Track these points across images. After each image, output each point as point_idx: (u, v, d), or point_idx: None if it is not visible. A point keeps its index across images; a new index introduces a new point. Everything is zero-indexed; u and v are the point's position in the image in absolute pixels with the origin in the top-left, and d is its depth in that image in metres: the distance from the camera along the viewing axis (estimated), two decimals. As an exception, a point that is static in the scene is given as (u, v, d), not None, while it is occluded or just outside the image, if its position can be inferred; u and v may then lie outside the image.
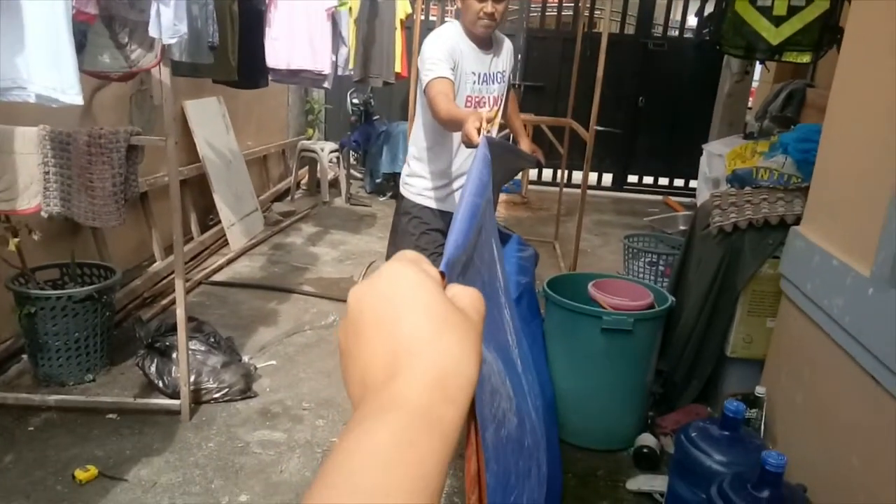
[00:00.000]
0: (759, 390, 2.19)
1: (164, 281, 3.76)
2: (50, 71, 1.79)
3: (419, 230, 2.46)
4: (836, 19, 2.65)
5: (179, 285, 2.50)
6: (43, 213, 2.40)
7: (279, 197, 5.87)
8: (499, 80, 2.44)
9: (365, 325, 0.38)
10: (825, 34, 2.66)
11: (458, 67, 2.29)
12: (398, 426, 0.32)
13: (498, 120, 2.28)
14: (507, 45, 2.50)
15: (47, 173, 2.37)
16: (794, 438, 2.08)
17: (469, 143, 1.87)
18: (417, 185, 2.50)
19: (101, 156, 2.35)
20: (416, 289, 0.38)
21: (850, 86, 2.05)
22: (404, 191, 2.53)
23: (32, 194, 2.39)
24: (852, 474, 1.73)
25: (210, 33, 2.89)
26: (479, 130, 1.82)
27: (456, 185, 2.45)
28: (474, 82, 2.38)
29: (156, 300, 3.62)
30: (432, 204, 2.47)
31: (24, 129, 2.35)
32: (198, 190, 4.48)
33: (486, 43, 2.37)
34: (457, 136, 2.29)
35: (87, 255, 3.23)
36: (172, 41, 2.31)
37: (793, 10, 2.70)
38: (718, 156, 3.80)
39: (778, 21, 2.72)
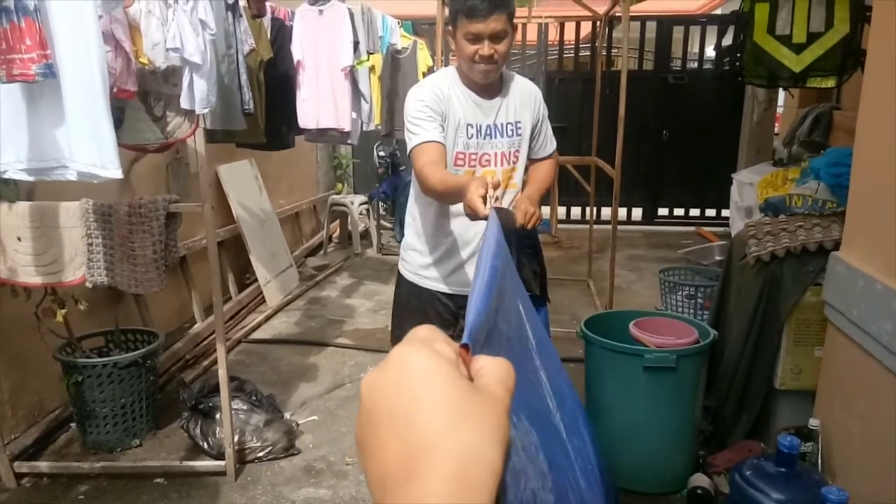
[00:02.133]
0: (813, 423, 2.12)
1: (205, 342, 3.82)
2: (90, 148, 1.87)
3: (418, 315, 2.11)
4: (857, 42, 2.64)
5: (221, 346, 2.55)
6: (88, 284, 2.48)
7: (312, 252, 5.96)
8: (510, 132, 2.01)
9: (379, 420, 0.36)
10: (848, 58, 2.66)
11: (447, 120, 1.93)
12: None
13: (514, 181, 2.03)
14: (527, 88, 2.06)
15: (91, 245, 2.45)
16: (853, 471, 2.00)
17: (473, 217, 1.54)
18: (413, 260, 2.14)
19: (141, 225, 2.42)
20: (428, 376, 0.36)
21: (877, 106, 2.03)
22: (401, 266, 2.20)
23: (77, 266, 2.47)
24: (920, 508, 1.66)
25: (246, 101, 3.00)
26: (484, 199, 1.50)
27: (465, 254, 2.07)
28: (471, 136, 1.97)
29: (198, 361, 3.67)
30: (429, 284, 2.11)
31: (67, 204, 2.44)
32: (234, 250, 4.58)
33: (489, 89, 1.99)
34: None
35: (129, 321, 3.31)
36: (205, 111, 2.41)
37: (812, 37, 2.70)
38: (749, 184, 3.77)
39: (798, 48, 2.72)
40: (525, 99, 2.05)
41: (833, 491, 1.58)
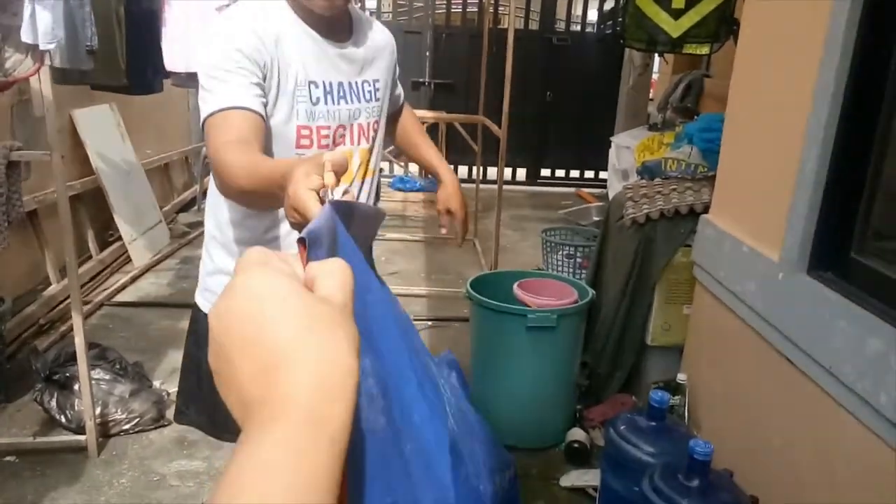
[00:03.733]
0: (681, 377, 2.23)
1: (62, 305, 3.49)
2: None
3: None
4: (731, 11, 2.74)
5: (77, 311, 2.31)
6: (-89, 242, 2.16)
7: (184, 207, 5.59)
8: (368, 94, 1.42)
9: (230, 345, 0.36)
10: (722, 26, 2.76)
11: (277, 75, 1.26)
12: (284, 435, 0.32)
13: (372, 166, 1.48)
14: (383, 34, 1.49)
15: (-86, 197, 2.13)
16: (717, 424, 2.13)
17: (300, 227, 0.83)
18: (219, 291, 0.96)
19: (-24, 176, 2.13)
20: (271, 294, 0.36)
21: (749, 75, 2.11)
22: (200, 299, 1.51)
23: None
24: (774, 455, 1.78)
25: (88, 36, 2.68)
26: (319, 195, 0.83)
27: None
28: (317, 101, 1.31)
29: (53, 326, 3.35)
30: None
31: None
32: (94, 204, 4.19)
33: (336, 29, 1.35)
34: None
35: (-32, 284, 2.95)
36: (50, 46, 2.13)
37: (690, 3, 2.78)
38: (626, 148, 3.89)
39: (677, 14, 2.80)
40: (381, 49, 1.47)
41: (700, 444, 1.67)
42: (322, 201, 0.84)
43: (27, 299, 3.42)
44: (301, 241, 0.47)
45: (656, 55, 4.62)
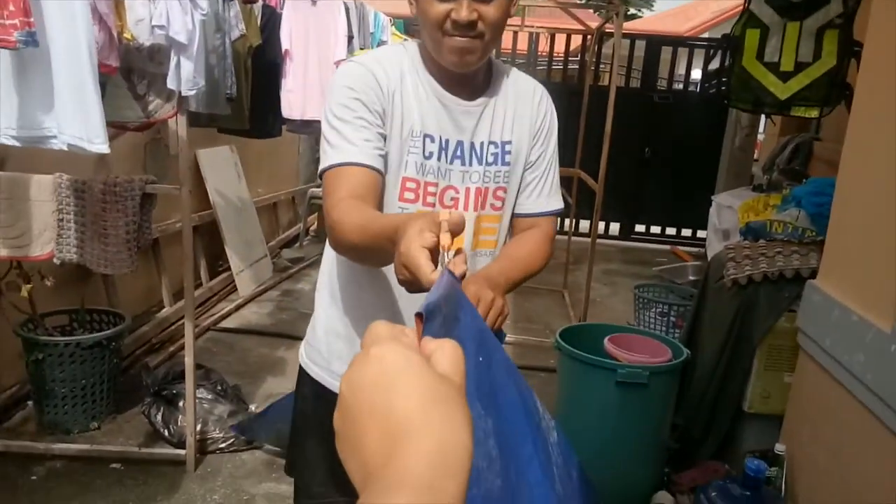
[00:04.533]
0: (779, 448, 2.13)
1: (173, 327, 3.74)
2: (77, 121, 1.82)
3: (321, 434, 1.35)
4: (843, 76, 2.68)
5: (189, 333, 2.49)
6: (55, 260, 2.41)
7: (288, 243, 5.89)
8: (492, 157, 1.27)
9: (359, 412, 0.39)
10: (833, 90, 2.69)
11: (391, 122, 1.20)
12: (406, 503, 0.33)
13: (490, 238, 1.30)
14: (529, 89, 1.32)
15: (61, 220, 2.38)
16: (817, 498, 2.02)
17: (411, 285, 0.85)
18: (325, 347, 1.36)
19: (115, 203, 2.36)
20: (402, 368, 0.40)
21: (863, 140, 2.06)
22: (304, 354, 1.44)
23: (45, 241, 2.40)
24: (880, 538, 1.67)
25: (228, 85, 2.95)
26: (434, 255, 0.82)
27: None
28: (429, 155, 1.22)
29: (163, 346, 3.59)
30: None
31: (39, 177, 2.37)
32: (208, 236, 4.49)
33: (467, 83, 1.24)
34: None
35: (96, 302, 3.22)
36: (191, 93, 2.35)
37: (800, 66, 2.73)
38: (728, 207, 3.81)
39: (785, 77, 2.76)
40: (525, 107, 1.30)
41: (797, 517, 1.59)
42: (435, 261, 0.80)
43: (142, 319, 3.69)
44: (419, 314, 0.49)
45: (763, 115, 4.53)
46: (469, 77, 1.24)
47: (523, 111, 1.30)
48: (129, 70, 2.34)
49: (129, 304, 3.59)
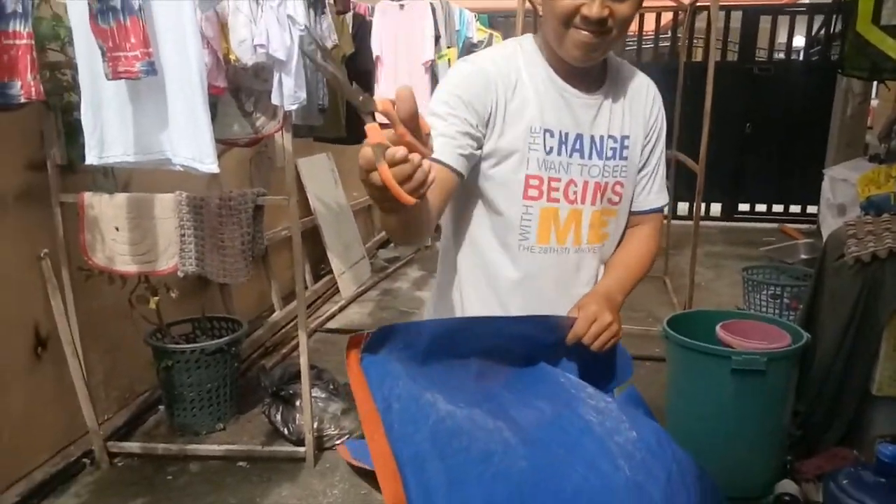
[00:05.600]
0: (916, 434, 2.00)
1: (283, 330, 3.94)
2: (189, 143, 1.95)
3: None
4: (971, 30, 2.47)
5: (302, 335, 2.61)
6: (179, 273, 2.58)
7: (384, 244, 6.04)
8: (611, 152, 1.27)
9: None
10: (959, 48, 2.49)
11: (504, 119, 1.19)
12: None
13: (608, 231, 1.32)
14: (643, 86, 1.32)
15: (183, 235, 2.55)
16: (963, 488, 1.87)
17: (371, 189, 0.81)
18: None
19: (230, 217, 2.51)
20: None
21: None
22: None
23: (170, 255, 2.58)
24: None
25: (320, 97, 3.06)
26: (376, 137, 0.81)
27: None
28: (550, 150, 1.22)
29: (276, 349, 3.78)
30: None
31: (162, 196, 2.55)
32: (310, 241, 4.68)
33: (587, 77, 1.24)
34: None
35: (214, 310, 3.43)
36: (293, 107, 2.46)
37: (920, 26, 2.54)
38: (842, 180, 3.58)
39: (905, 38, 2.57)
40: (638, 103, 1.30)
41: (943, 508, 1.49)
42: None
43: (256, 324, 3.89)
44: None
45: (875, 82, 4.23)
46: (588, 70, 1.23)
47: (637, 107, 1.31)
48: (237, 89, 2.49)
49: (244, 311, 3.79)
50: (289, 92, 2.37)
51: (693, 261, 3.88)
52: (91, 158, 2.15)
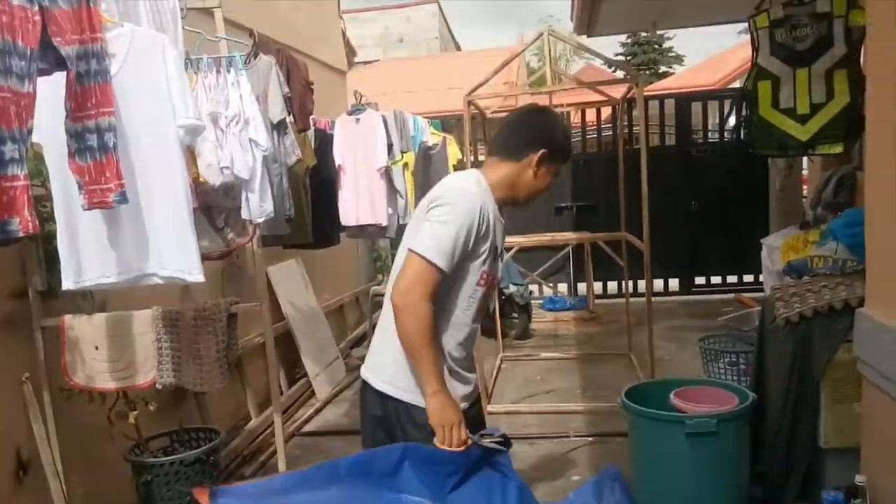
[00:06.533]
0: (860, 479, 2.13)
1: (261, 437, 3.96)
2: (177, 257, 2.14)
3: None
4: (860, 110, 2.80)
5: (280, 438, 2.70)
6: (157, 385, 2.68)
7: (357, 342, 6.14)
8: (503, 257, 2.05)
9: None
10: (852, 125, 2.82)
11: (484, 243, 1.82)
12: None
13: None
14: None
15: (160, 348, 2.67)
16: (907, 526, 2.00)
17: (449, 442, 1.69)
18: (460, 389, 1.89)
19: (206, 327, 2.64)
20: None
21: (881, 169, 2.16)
22: (400, 393, 1.84)
23: (148, 369, 2.68)
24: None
25: (287, 207, 3.27)
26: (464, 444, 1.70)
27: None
28: (496, 258, 1.91)
29: (254, 457, 3.80)
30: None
31: (140, 313, 2.68)
32: (284, 346, 4.77)
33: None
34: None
35: (191, 422, 3.48)
36: (261, 220, 2.66)
37: (815, 108, 2.88)
38: (777, 248, 3.86)
39: (804, 119, 2.90)
40: None
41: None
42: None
43: (233, 433, 3.93)
44: None
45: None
46: None
47: None
48: (208, 207, 2.69)
49: (220, 420, 3.83)
50: (255, 206, 2.57)
51: (650, 334, 4.07)
52: (67, 284, 2.29)
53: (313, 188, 4.12)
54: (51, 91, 1.93)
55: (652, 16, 6.41)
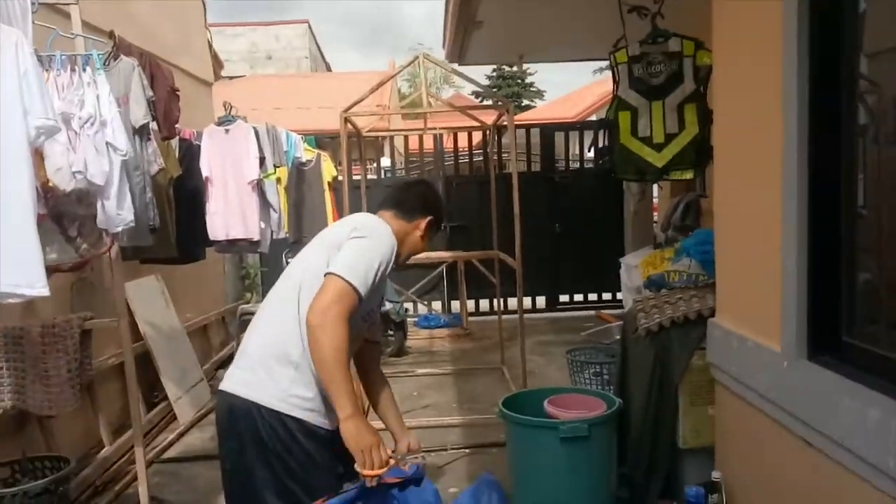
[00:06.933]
0: (716, 475, 2.32)
1: (116, 466, 3.65)
2: (16, 269, 1.90)
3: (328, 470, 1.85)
4: (707, 140, 3.09)
5: (141, 466, 2.50)
6: (-5, 410, 2.40)
7: (223, 364, 5.83)
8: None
9: None
10: (701, 154, 3.10)
11: (385, 282, 1.96)
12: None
13: None
14: None
15: (0, 369, 2.39)
16: (754, 515, 2.20)
17: (366, 468, 1.64)
18: (309, 403, 1.83)
19: (55, 344, 2.41)
20: None
21: (727, 193, 2.39)
22: (297, 411, 1.81)
23: (-16, 392, 2.39)
24: (809, 536, 1.86)
25: (151, 217, 3.07)
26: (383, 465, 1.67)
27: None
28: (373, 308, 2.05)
29: (108, 487, 3.48)
30: (327, 425, 1.84)
31: (-25, 329, 2.40)
32: (141, 368, 4.42)
33: None
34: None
35: (35, 450, 3.13)
36: (118, 229, 2.48)
37: (669, 137, 3.14)
38: (634, 266, 4.14)
39: (659, 147, 3.16)
40: None
41: (735, 530, 1.76)
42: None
43: (83, 462, 3.58)
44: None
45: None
46: None
47: None
48: (59, 215, 2.46)
49: (69, 448, 3.48)
50: (112, 214, 2.40)
51: (522, 347, 4.22)
52: None
53: (177, 200, 3.90)
54: None
55: (519, 49, 6.74)
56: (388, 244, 1.88)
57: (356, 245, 1.83)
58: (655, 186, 6.53)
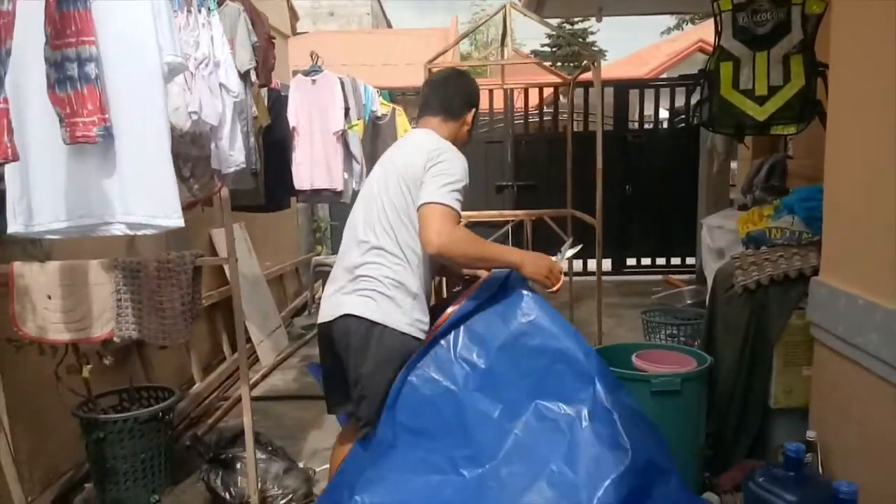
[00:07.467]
0: (811, 434, 2.30)
1: (207, 401, 3.85)
2: (152, 200, 1.99)
3: None
4: (813, 94, 2.98)
5: (245, 393, 2.63)
6: (116, 338, 2.55)
7: (298, 312, 6.03)
8: None
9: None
10: (805, 108, 2.99)
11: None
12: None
13: None
14: None
15: (119, 300, 2.54)
16: (852, 474, 2.18)
17: (545, 283, 2.17)
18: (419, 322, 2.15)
19: (169, 279, 2.53)
20: None
21: (841, 148, 2.32)
22: (413, 327, 2.12)
23: (105, 321, 2.55)
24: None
25: (253, 161, 3.16)
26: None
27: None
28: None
29: (201, 420, 3.69)
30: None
31: (97, 262, 2.54)
32: (227, 312, 4.63)
33: None
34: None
35: (136, 381, 3.33)
36: (231, 170, 2.56)
37: (773, 90, 3.04)
38: (718, 227, 4.06)
39: (761, 100, 3.05)
40: None
41: (843, 484, 1.76)
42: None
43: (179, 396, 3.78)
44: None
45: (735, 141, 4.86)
46: None
47: None
48: (174, 155, 2.54)
49: (163, 382, 3.69)
50: (225, 155, 2.48)
51: (599, 304, 4.24)
52: (16, 227, 2.05)
53: (267, 148, 3.99)
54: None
55: (598, 1, 6.57)
56: (460, 158, 2.09)
57: (437, 171, 2.02)
58: (738, 147, 6.35)
